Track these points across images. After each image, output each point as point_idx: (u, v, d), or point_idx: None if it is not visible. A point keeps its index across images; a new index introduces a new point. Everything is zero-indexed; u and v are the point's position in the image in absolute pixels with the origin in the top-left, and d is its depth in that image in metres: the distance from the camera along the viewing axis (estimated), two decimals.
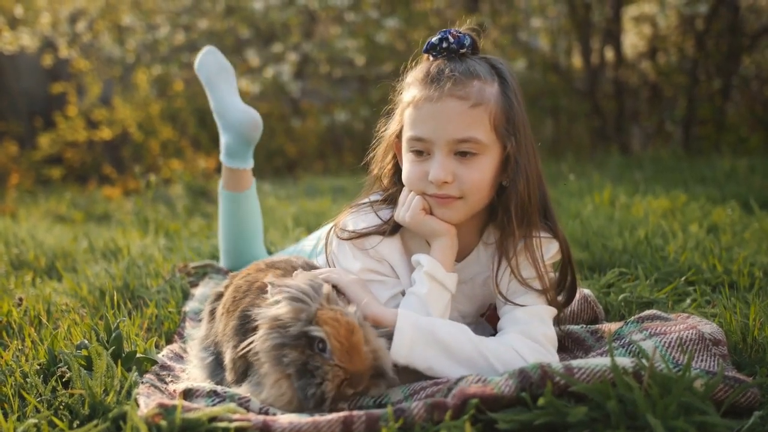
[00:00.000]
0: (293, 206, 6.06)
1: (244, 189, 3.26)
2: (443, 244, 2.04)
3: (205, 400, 1.79)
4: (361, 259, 2.10)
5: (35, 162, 11.59)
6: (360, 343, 1.73)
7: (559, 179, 6.88)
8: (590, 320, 2.49)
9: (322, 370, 1.70)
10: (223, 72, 3.34)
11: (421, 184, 2.03)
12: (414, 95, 2.03)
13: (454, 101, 1.96)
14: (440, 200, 2.02)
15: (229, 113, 3.25)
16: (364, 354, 1.73)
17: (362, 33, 10.26)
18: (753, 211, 4.32)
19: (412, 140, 2.03)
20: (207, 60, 3.36)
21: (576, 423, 1.53)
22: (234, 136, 3.22)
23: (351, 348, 1.71)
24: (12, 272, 3.66)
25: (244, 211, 3.26)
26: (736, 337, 2.12)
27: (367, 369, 1.74)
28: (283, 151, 11.98)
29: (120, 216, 6.63)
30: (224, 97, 3.29)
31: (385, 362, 1.79)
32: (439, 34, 2.06)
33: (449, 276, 2.03)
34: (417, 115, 2.01)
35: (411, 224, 2.05)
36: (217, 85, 3.31)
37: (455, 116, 1.96)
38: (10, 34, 10.94)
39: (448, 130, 1.96)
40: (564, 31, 10.76)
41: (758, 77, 9.80)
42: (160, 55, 11.38)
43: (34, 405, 1.80)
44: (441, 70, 2.01)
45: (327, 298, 1.79)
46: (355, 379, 1.72)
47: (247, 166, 3.25)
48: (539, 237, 2.07)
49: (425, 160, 2.01)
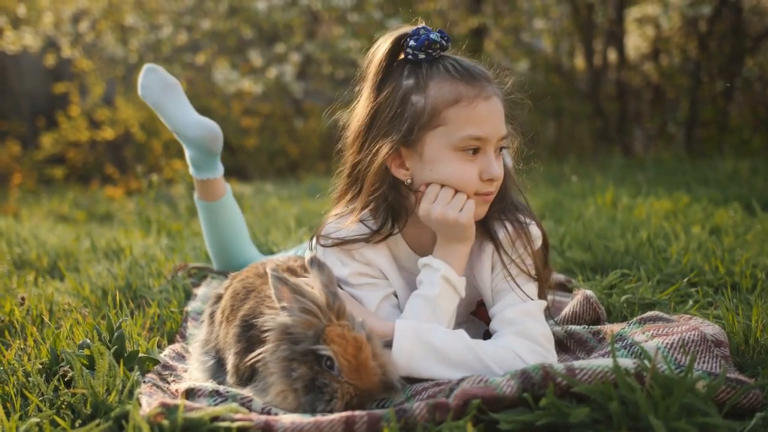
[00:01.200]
0: (295, 207, 6.06)
1: (219, 197, 3.21)
2: (464, 251, 2.05)
3: (207, 400, 1.79)
4: (350, 264, 2.10)
5: (38, 162, 11.61)
6: (368, 359, 1.72)
7: (561, 181, 6.88)
8: (592, 321, 2.48)
9: (331, 387, 1.69)
10: (169, 89, 3.19)
11: (474, 184, 2.00)
12: (458, 94, 1.98)
13: (497, 99, 2.03)
14: (486, 198, 2.04)
15: (185, 130, 3.14)
16: (373, 370, 1.72)
17: (365, 34, 10.25)
18: (755, 213, 4.31)
19: (470, 139, 1.97)
20: (149, 82, 3.19)
21: (578, 424, 1.53)
22: (195, 150, 3.14)
23: (359, 365, 1.70)
24: (14, 272, 3.67)
25: (224, 218, 3.22)
26: (738, 338, 2.12)
27: (377, 385, 1.73)
28: (285, 152, 11.99)
29: (122, 216, 6.64)
30: (176, 115, 3.17)
31: (393, 375, 1.78)
32: (427, 32, 2.03)
33: (461, 280, 2.04)
34: (472, 114, 1.97)
35: (463, 225, 2.00)
36: (166, 105, 3.18)
37: (501, 113, 2.02)
38: (13, 33, 10.95)
39: (500, 127, 2.01)
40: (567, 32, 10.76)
41: (761, 79, 9.79)
42: (162, 56, 11.38)
43: (37, 404, 1.81)
44: (471, 69, 2.02)
45: (337, 312, 1.77)
46: (364, 396, 1.71)
47: (216, 176, 3.18)
48: (518, 219, 2.09)
49: (476, 159, 2.00)
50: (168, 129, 3.24)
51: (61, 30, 11.34)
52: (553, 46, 11.01)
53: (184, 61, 11.34)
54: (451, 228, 2.00)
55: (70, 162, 12.00)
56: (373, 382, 1.72)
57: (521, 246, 2.06)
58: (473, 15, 10.26)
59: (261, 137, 11.96)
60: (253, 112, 12.15)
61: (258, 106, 12.13)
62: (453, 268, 2.02)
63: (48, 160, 11.71)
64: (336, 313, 1.76)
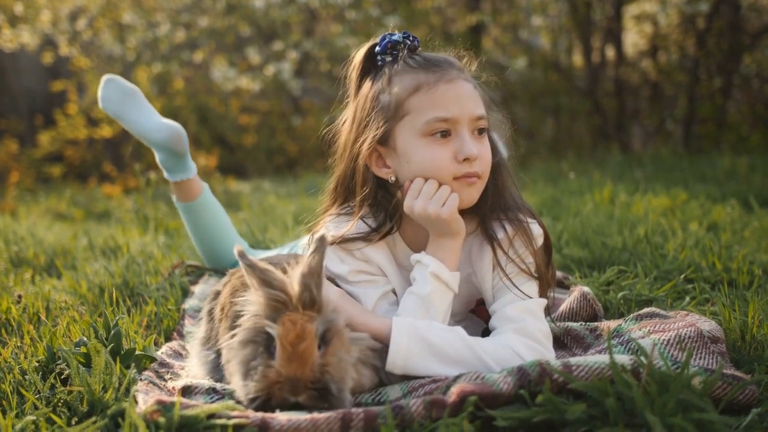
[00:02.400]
0: (293, 204, 6.06)
1: (196, 197, 3.20)
2: (455, 245, 2.03)
3: (203, 398, 1.79)
4: (349, 262, 2.10)
5: (35, 160, 11.60)
6: (306, 351, 1.66)
7: (559, 177, 6.89)
8: (589, 318, 2.48)
9: (257, 371, 1.67)
10: (128, 98, 3.18)
11: (450, 166, 1.99)
12: (418, 81, 2.01)
13: (465, 82, 2.03)
14: (469, 180, 2.01)
15: (148, 135, 3.13)
16: (309, 364, 1.66)
17: (363, 31, 10.25)
18: (753, 210, 4.32)
19: (436, 122, 1.98)
20: (108, 94, 3.18)
21: (574, 420, 1.53)
22: (163, 153, 3.14)
23: (294, 354, 1.65)
24: (11, 269, 3.66)
25: (205, 217, 3.22)
26: (734, 334, 2.12)
27: (305, 379, 1.65)
28: (283, 150, 11.98)
29: (120, 214, 6.63)
30: (138, 121, 3.16)
31: (335, 381, 1.68)
32: (389, 36, 2.09)
33: (453, 275, 2.02)
34: (434, 97, 1.99)
35: (446, 219, 1.99)
36: (128, 114, 3.17)
37: (471, 94, 2.02)
38: (11, 31, 10.94)
39: (470, 107, 2.00)
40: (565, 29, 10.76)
41: (759, 76, 9.80)
42: (160, 53, 11.38)
43: (33, 402, 1.80)
44: (432, 58, 2.05)
45: (304, 303, 1.72)
46: (288, 385, 1.65)
47: (189, 176, 3.18)
48: (517, 218, 2.07)
49: (449, 142, 2.00)
50: (133, 136, 3.23)
51: (58, 28, 11.32)
52: (551, 43, 11.01)
53: (181, 58, 11.33)
54: (435, 223, 2.01)
55: (68, 160, 11.99)
56: (302, 375, 1.65)
57: (521, 245, 2.05)
58: (471, 12, 10.25)
59: (259, 135, 11.96)
60: (251, 110, 12.15)
61: (256, 104, 12.13)
62: (444, 264, 2.01)
63: (46, 158, 11.69)
64: (303, 302, 1.71)
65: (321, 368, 1.67)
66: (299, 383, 1.65)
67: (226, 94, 11.69)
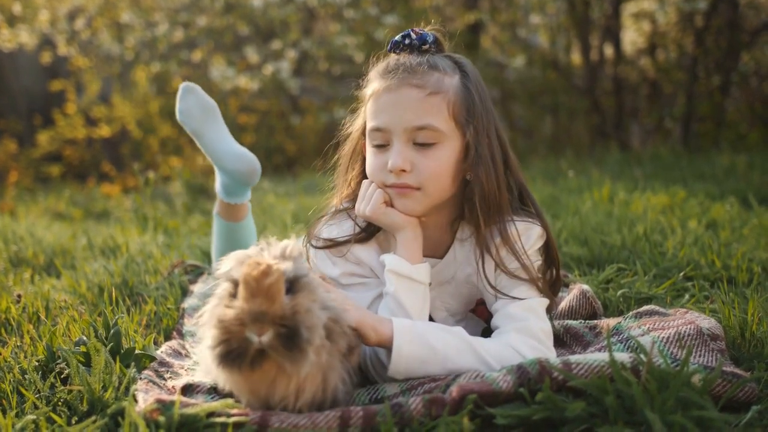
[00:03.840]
0: (292, 203, 6.06)
1: (241, 219, 3.13)
2: (406, 237, 2.03)
3: (204, 397, 1.79)
4: (340, 265, 2.10)
5: (34, 160, 11.60)
6: (273, 287, 1.50)
7: (558, 176, 6.89)
8: (588, 316, 2.49)
9: (215, 314, 1.55)
10: (208, 113, 2.96)
11: (381, 175, 2.01)
12: (374, 87, 2.03)
13: (411, 89, 1.96)
14: (399, 190, 2.00)
15: (223, 161, 2.97)
16: (277, 300, 1.50)
17: (361, 30, 10.24)
18: (752, 207, 4.32)
19: (372, 131, 2.02)
20: (188, 106, 2.94)
21: (574, 418, 1.53)
22: (230, 179, 3.01)
23: (258, 288, 1.49)
24: (11, 269, 3.66)
25: (239, 237, 3.15)
26: (734, 332, 2.12)
27: (272, 314, 1.49)
28: (282, 149, 11.97)
29: (119, 213, 6.63)
30: (216, 142, 2.98)
31: (302, 325, 1.51)
32: (403, 32, 2.09)
33: (417, 268, 2.01)
34: (376, 105, 2.01)
35: (372, 217, 2.03)
36: (206, 133, 2.97)
37: (413, 104, 1.95)
38: (9, 31, 10.93)
39: (406, 117, 1.95)
40: (563, 27, 10.76)
41: (757, 74, 9.80)
42: (159, 53, 11.37)
43: (33, 401, 1.80)
44: (399, 62, 2.03)
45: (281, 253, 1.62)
46: (250, 319, 1.49)
47: (244, 200, 3.09)
48: (514, 222, 2.04)
49: (385, 150, 2.00)
50: (203, 153, 3.06)
51: (57, 27, 11.31)
52: (550, 41, 11.00)
53: (180, 58, 11.32)
54: (374, 221, 2.06)
55: (67, 160, 11.98)
56: (269, 309, 1.49)
57: (509, 253, 2.02)
58: (469, 11, 10.25)
59: (258, 134, 11.94)
60: (249, 109, 12.14)
61: (254, 103, 12.12)
62: (404, 258, 2.00)
63: (44, 157, 11.69)
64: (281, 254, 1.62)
65: (292, 310, 1.52)
66: (265, 317, 1.49)
67: (224, 94, 11.67)
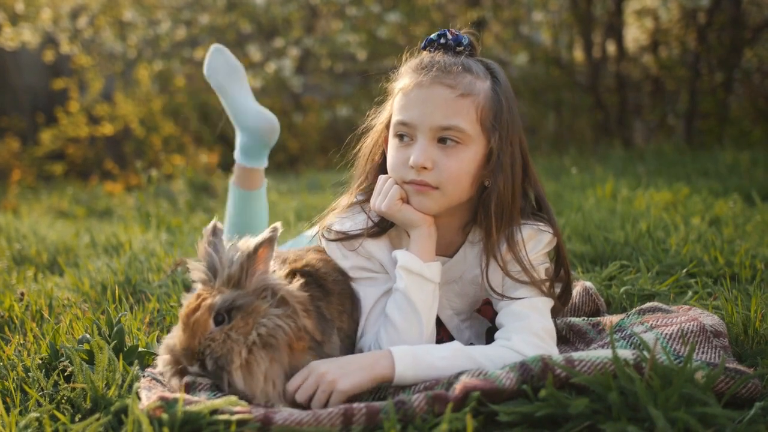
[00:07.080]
0: (295, 200, 6.06)
1: (256, 188, 3.20)
2: (420, 234, 2.02)
3: (207, 394, 1.79)
4: (351, 258, 2.10)
5: (37, 158, 11.59)
6: (196, 323, 1.74)
7: (561, 173, 6.88)
8: (592, 313, 2.49)
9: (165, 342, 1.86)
10: (234, 73, 3.19)
11: (402, 170, 2.01)
12: (405, 82, 2.03)
13: (443, 88, 1.96)
14: (417, 187, 1.99)
15: (244, 117, 3.15)
16: (198, 335, 1.74)
17: (364, 28, 10.24)
18: (755, 204, 4.31)
19: (397, 125, 2.02)
20: (216, 63, 3.18)
21: (577, 415, 1.53)
22: (250, 138, 3.14)
23: (186, 325, 1.75)
24: (14, 267, 3.67)
25: (254, 209, 3.20)
26: (737, 328, 2.12)
27: (192, 349, 1.74)
28: (285, 146, 11.97)
29: (122, 211, 6.64)
30: (237, 99, 3.17)
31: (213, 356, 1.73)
32: (439, 31, 2.08)
33: (429, 266, 2.00)
34: (405, 100, 2.01)
35: (387, 213, 2.02)
36: (230, 89, 3.18)
37: (442, 103, 1.95)
38: (12, 30, 10.93)
39: (434, 116, 1.95)
40: (566, 24, 10.72)
41: (760, 70, 9.77)
42: (161, 51, 11.37)
43: (36, 399, 1.81)
44: (434, 60, 2.02)
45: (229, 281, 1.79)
46: (182, 353, 1.76)
47: (262, 165, 3.19)
48: (521, 228, 2.04)
49: (408, 146, 2.00)
50: (225, 111, 3.24)
51: (59, 26, 11.32)
52: (553, 38, 10.97)
53: (182, 56, 11.32)
54: (389, 217, 2.05)
55: (70, 158, 11.98)
56: (191, 345, 1.74)
57: (523, 258, 2.02)
58: (472, 8, 10.23)
59: None
60: None
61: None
62: (416, 256, 2.00)
63: (47, 156, 11.68)
64: (227, 279, 1.78)
65: (207, 340, 1.74)
66: (188, 352, 1.75)
67: None
